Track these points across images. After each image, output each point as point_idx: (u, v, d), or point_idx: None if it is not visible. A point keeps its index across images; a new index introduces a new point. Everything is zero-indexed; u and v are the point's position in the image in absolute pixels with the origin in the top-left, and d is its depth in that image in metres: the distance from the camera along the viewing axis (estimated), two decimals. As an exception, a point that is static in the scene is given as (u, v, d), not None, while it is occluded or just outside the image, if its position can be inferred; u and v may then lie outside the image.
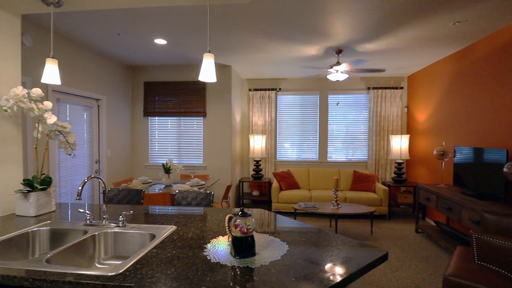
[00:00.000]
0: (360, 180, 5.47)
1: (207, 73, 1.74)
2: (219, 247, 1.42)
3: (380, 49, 4.11)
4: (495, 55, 3.39)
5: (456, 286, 2.05)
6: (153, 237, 1.61)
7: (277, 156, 6.18)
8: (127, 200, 2.61)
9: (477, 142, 3.70)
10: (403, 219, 5.05)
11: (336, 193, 4.20)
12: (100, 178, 1.72)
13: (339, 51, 4.19)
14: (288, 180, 5.52)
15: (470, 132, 3.86)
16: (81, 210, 1.78)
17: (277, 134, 6.18)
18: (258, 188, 6.15)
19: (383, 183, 5.56)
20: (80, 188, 1.61)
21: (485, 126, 3.56)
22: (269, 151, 6.07)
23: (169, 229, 1.70)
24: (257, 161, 5.74)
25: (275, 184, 5.44)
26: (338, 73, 4.35)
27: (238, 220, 1.32)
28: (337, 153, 6.11)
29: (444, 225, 3.87)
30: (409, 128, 5.83)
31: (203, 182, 4.09)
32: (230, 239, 1.35)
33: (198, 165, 5.23)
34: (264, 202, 6.16)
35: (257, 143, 5.61)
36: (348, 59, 4.64)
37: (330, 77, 4.43)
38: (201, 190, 2.91)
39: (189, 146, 5.28)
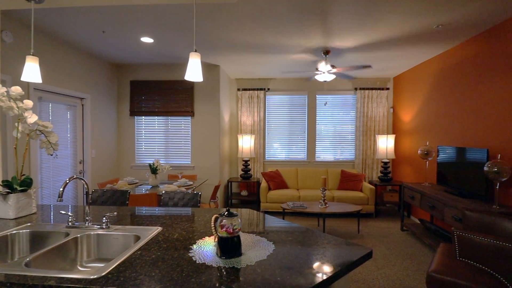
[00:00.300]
0: (348, 179, 5.54)
1: (194, 72, 1.72)
2: (205, 248, 1.41)
3: (365, 49, 4.17)
4: (476, 58, 3.50)
5: (438, 282, 2.10)
6: (137, 238, 1.58)
7: (266, 156, 6.19)
8: (112, 201, 2.56)
9: (460, 142, 3.80)
10: (389, 218, 5.15)
11: (324, 192, 4.24)
12: (82, 179, 1.68)
13: (326, 52, 4.23)
14: (276, 180, 5.54)
15: (453, 132, 3.96)
16: (63, 212, 1.73)
17: (266, 134, 6.19)
18: (247, 188, 6.15)
19: (370, 182, 5.65)
20: (61, 189, 1.56)
21: (467, 126, 3.66)
22: (258, 151, 6.07)
23: (155, 230, 1.68)
24: (246, 161, 5.73)
25: (263, 184, 5.44)
26: (325, 74, 4.39)
27: (224, 221, 1.31)
28: (325, 153, 6.17)
29: (428, 223, 3.96)
30: (394, 128, 5.94)
31: (191, 183, 4.05)
32: (216, 239, 1.34)
33: (186, 165, 5.18)
34: (253, 202, 6.15)
35: (246, 143, 5.60)
36: (336, 60, 4.69)
37: (318, 77, 4.47)
38: (189, 191, 2.88)
39: (177, 146, 5.22)
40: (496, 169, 2.80)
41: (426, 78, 4.69)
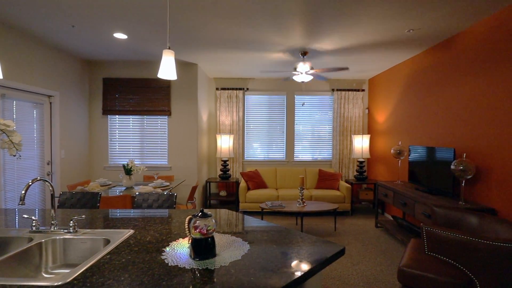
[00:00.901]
0: (325, 178, 5.64)
1: (167, 70, 1.68)
2: (179, 250, 1.37)
3: (341, 51, 4.27)
4: (444, 62, 3.68)
5: (409, 276, 2.19)
6: (107, 242, 1.51)
7: (245, 156, 6.18)
8: (82, 204, 2.44)
9: (429, 142, 3.98)
10: (364, 215, 5.30)
11: (302, 191, 4.29)
12: (47, 180, 1.58)
13: (304, 53, 4.28)
14: (255, 180, 5.54)
15: (423, 132, 4.15)
16: (26, 216, 1.62)
17: (245, 133, 6.17)
18: (226, 188, 6.10)
19: (346, 181, 5.79)
20: (23, 192, 1.47)
21: (436, 127, 3.84)
22: (237, 150, 6.04)
23: (126, 233, 1.62)
24: (225, 161, 5.69)
25: (242, 184, 5.42)
26: (303, 75, 4.45)
27: (197, 221, 1.28)
28: (303, 153, 6.25)
29: (401, 219, 4.12)
30: (369, 128, 6.13)
31: (168, 183, 3.96)
32: (190, 241, 1.31)
33: (163, 166, 5.05)
34: (231, 202, 6.12)
35: (225, 143, 5.56)
36: (313, 61, 4.77)
37: (296, 78, 4.52)
38: (165, 192, 2.82)
39: (153, 146, 5.08)
40: (462, 167, 2.96)
41: (398, 80, 4.88)
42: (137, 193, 2.44)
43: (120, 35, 3.62)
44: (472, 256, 2.05)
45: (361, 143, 5.52)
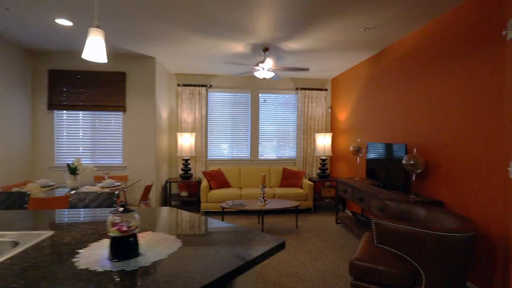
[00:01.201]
0: (289, 176, 5.64)
1: (94, 51, 1.50)
2: (97, 251, 1.21)
3: (303, 49, 4.27)
4: (397, 62, 3.80)
5: (359, 269, 2.18)
6: (15, 245, 1.31)
7: (208, 155, 6.01)
8: (7, 205, 2.15)
9: (386, 139, 4.10)
10: (326, 212, 5.36)
11: (263, 189, 4.22)
12: None
13: (265, 49, 4.23)
14: (218, 179, 5.39)
15: (380, 129, 4.27)
16: None
17: (208, 132, 6.00)
18: (187, 189, 5.88)
19: (310, 179, 5.83)
20: None
21: (391, 124, 3.96)
22: (200, 149, 5.85)
23: (43, 235, 1.41)
24: (186, 160, 5.47)
25: (204, 183, 5.25)
26: (265, 71, 4.39)
27: (117, 218, 1.13)
28: (268, 151, 6.21)
29: (359, 215, 4.19)
30: (332, 127, 6.24)
31: (119, 183, 3.69)
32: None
33: (117, 165, 4.73)
34: (193, 202, 5.91)
35: (186, 141, 5.35)
36: (275, 58, 4.73)
37: (257, 74, 4.45)
38: (116, 192, 2.59)
39: (106, 145, 4.72)
40: (412, 162, 3.05)
41: (358, 80, 5.00)
42: (72, 192, 2.20)
43: (63, 21, 3.31)
44: (418, 247, 2.09)
45: (323, 141, 5.59)
